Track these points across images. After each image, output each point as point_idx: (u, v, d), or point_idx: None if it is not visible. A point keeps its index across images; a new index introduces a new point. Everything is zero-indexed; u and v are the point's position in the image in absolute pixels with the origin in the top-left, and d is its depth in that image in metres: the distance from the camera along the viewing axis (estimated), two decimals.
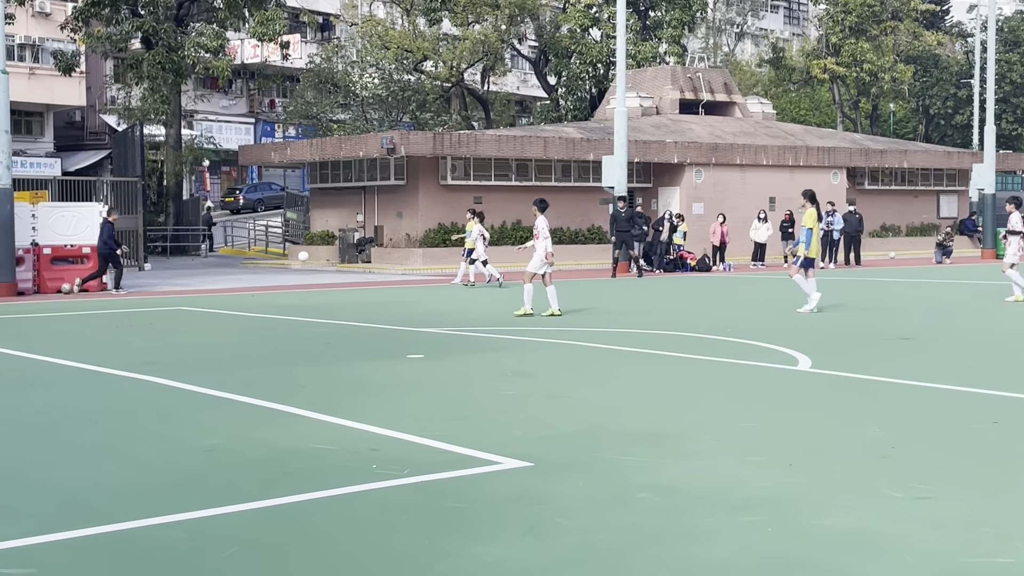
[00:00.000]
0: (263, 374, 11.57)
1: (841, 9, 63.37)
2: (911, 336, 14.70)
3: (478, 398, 9.97)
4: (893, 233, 44.91)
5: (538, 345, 14.03)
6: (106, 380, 11.32)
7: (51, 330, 17.09)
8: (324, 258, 37.76)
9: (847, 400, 9.73)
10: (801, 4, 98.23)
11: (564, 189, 37.22)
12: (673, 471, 7.06)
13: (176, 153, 45.13)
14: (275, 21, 40.85)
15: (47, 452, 7.87)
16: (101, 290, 25.24)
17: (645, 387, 10.62)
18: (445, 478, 6.93)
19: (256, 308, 20.28)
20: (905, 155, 44.74)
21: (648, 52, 52.53)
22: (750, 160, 39.43)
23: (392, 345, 14.24)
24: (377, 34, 53.16)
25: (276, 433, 8.37)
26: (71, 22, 41.93)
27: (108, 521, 6.01)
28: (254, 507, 6.29)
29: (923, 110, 70.79)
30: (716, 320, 17.28)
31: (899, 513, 6.10)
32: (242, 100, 63.43)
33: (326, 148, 37.47)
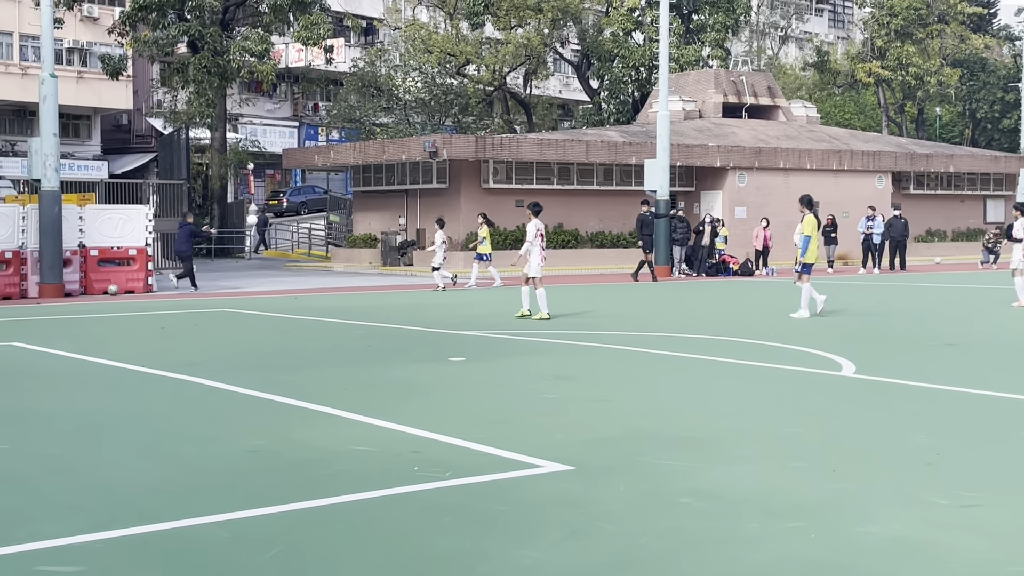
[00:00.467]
0: (306, 376, 11.64)
1: (887, 12, 62.86)
2: (956, 342, 14.55)
3: (519, 401, 9.98)
4: (939, 238, 44.47)
5: (579, 349, 14.02)
6: (152, 381, 11.44)
7: (98, 331, 17.29)
8: (366, 261, 37.92)
9: (891, 406, 9.65)
10: (846, 7, 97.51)
11: (606, 193, 37.15)
12: (715, 476, 7.03)
13: (221, 156, 45.49)
14: (319, 25, 41.08)
15: (95, 451, 7.97)
16: (147, 291, 25.49)
17: (687, 391, 10.59)
18: (486, 481, 6.95)
19: (299, 310, 20.40)
20: (951, 159, 44.28)
21: (691, 56, 52.34)
22: (794, 164, 39.19)
23: (433, 348, 14.28)
24: (420, 38, 53.34)
25: (318, 434, 8.43)
26: (118, 26, 42.40)
27: (154, 520, 6.07)
28: (297, 508, 6.34)
29: (970, 114, 70.08)
30: (758, 324, 17.18)
31: (944, 521, 6.05)
32: (286, 104, 63.84)
33: (369, 151, 37.63)
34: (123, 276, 25.42)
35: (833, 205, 39.31)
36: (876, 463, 7.41)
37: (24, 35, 50.76)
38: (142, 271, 25.63)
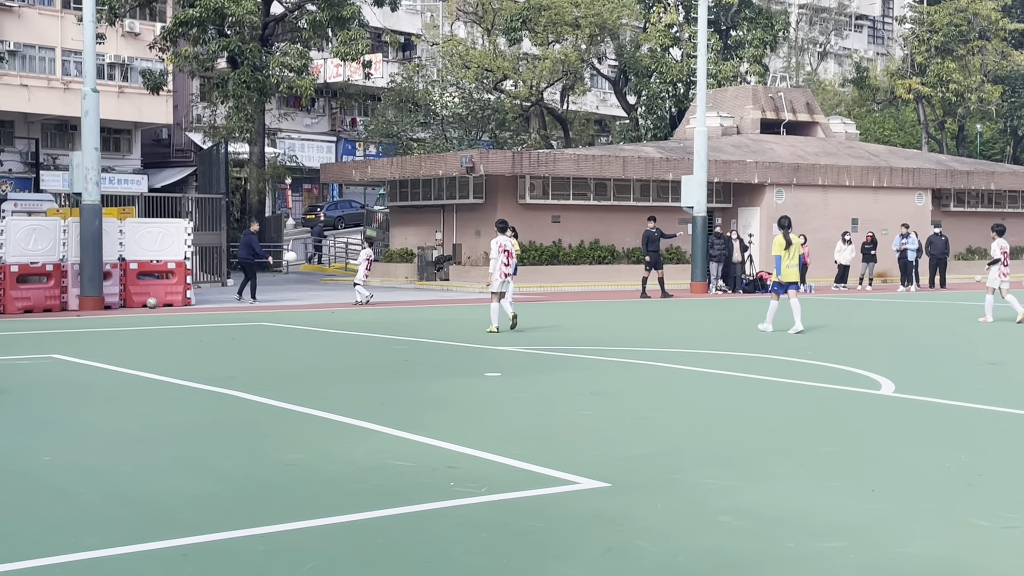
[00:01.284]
0: (342, 390, 11.68)
1: (927, 28, 62.47)
2: (998, 361, 14.41)
3: (555, 417, 9.96)
4: (980, 256, 44.04)
5: (616, 365, 13.99)
6: (190, 394, 11.51)
7: (137, 344, 17.43)
8: (403, 276, 38.04)
9: (931, 426, 9.57)
10: (886, 23, 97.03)
11: (643, 209, 37.08)
12: (753, 495, 6.99)
13: (259, 171, 45.81)
14: (358, 41, 41.33)
15: (134, 464, 8.03)
16: (185, 304, 25.68)
17: (725, 409, 10.53)
18: (523, 497, 6.94)
19: (336, 324, 20.49)
20: (992, 177, 43.90)
21: (729, 71, 52.22)
22: (832, 181, 38.98)
23: (470, 363, 14.29)
24: (458, 53, 53.55)
25: (355, 449, 8.45)
26: (159, 42, 42.85)
27: (192, 533, 6.11)
28: (334, 522, 6.36)
29: (1011, 131, 69.45)
30: (796, 342, 17.08)
31: (985, 542, 5.98)
32: (324, 119, 64.24)
33: (406, 166, 37.79)
34: (162, 289, 25.62)
35: (873, 222, 39.06)
36: (916, 483, 7.34)
37: (66, 50, 51.40)
38: (181, 284, 25.83)
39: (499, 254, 18.67)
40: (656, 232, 29.27)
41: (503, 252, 18.69)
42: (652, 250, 29.22)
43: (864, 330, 19.63)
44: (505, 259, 18.69)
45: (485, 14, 54.20)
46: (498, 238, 18.79)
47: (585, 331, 19.36)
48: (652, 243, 29.28)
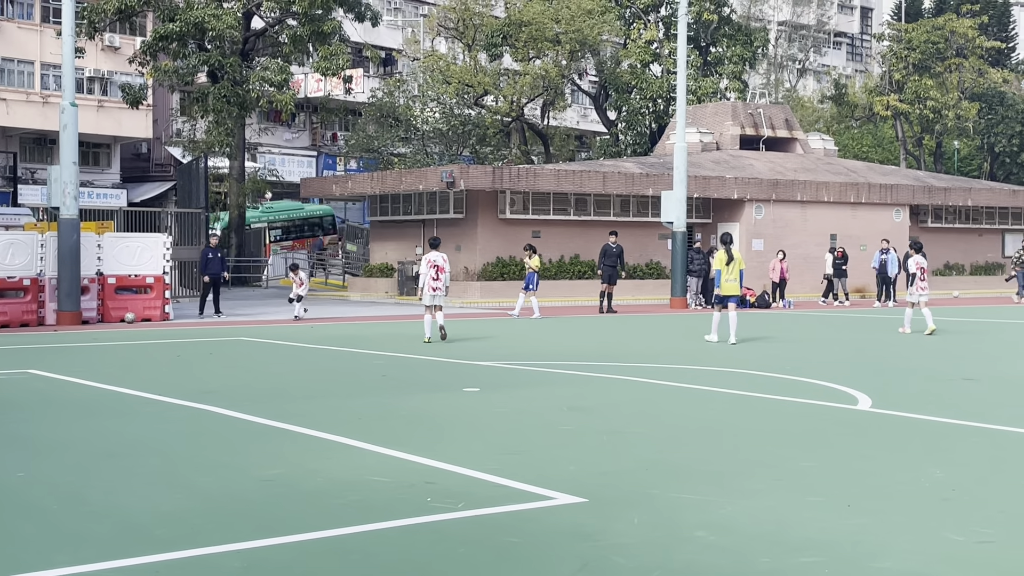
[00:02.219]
0: (320, 405, 11.65)
1: (905, 46, 62.91)
2: (975, 377, 14.48)
3: (533, 432, 9.96)
4: (957, 272, 44.33)
5: (594, 380, 14.00)
6: (167, 409, 11.46)
7: (114, 359, 17.35)
8: (383, 290, 37.99)
9: (907, 441, 9.60)
10: (864, 40, 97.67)
11: (623, 224, 37.17)
12: (730, 510, 7.00)
13: (239, 185, 45.71)
14: (338, 56, 41.33)
15: (109, 479, 7.98)
16: (164, 319, 25.58)
17: (702, 424, 10.55)
18: (500, 512, 6.94)
19: (315, 339, 20.44)
20: (969, 193, 44.20)
21: (709, 88, 52.45)
22: (811, 197, 39.17)
23: (448, 378, 14.28)
24: (438, 69, 53.61)
25: (333, 464, 8.43)
26: (139, 56, 42.74)
27: (166, 549, 6.08)
28: (311, 538, 6.33)
29: (988, 148, 69.96)
30: (774, 357, 17.13)
31: (960, 557, 6.01)
32: (305, 133, 64.18)
33: (386, 181, 37.79)
34: (140, 304, 25.52)
35: (851, 238, 39.26)
36: (892, 498, 7.37)
37: (45, 64, 51.23)
38: (159, 299, 25.73)
39: (428, 269, 19.48)
40: (615, 247, 29.29)
41: (433, 268, 19.48)
42: (608, 264, 29.25)
43: (841, 345, 19.70)
44: (435, 274, 19.47)
45: (466, 30, 54.30)
46: (429, 254, 19.68)
47: (563, 346, 19.38)
48: (608, 257, 29.33)
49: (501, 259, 35.03)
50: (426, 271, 19.50)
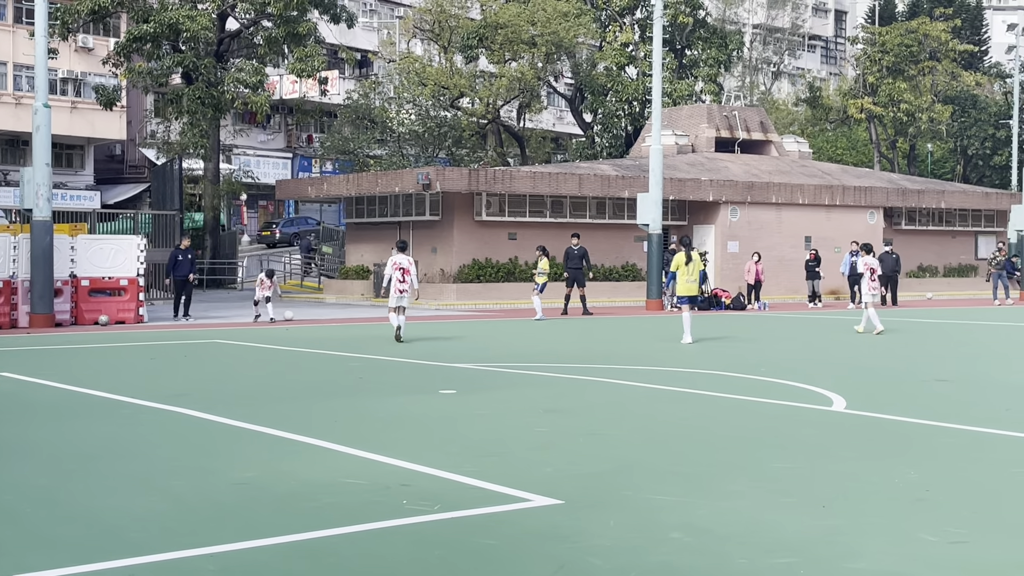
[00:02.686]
0: (296, 407, 11.61)
1: (878, 49, 63.28)
2: (948, 378, 14.57)
3: (510, 434, 9.96)
4: (930, 274, 44.60)
5: (569, 382, 14.01)
6: (141, 412, 11.40)
7: (88, 362, 17.24)
8: (359, 292, 37.91)
9: (881, 442, 9.65)
10: (838, 44, 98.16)
11: (599, 226, 37.25)
12: (705, 511, 7.02)
13: (214, 187, 45.55)
14: (314, 57, 41.25)
15: (82, 483, 7.93)
16: (137, 322, 25.44)
17: (678, 426, 10.57)
18: (476, 514, 6.93)
19: (290, 341, 20.38)
20: (943, 195, 44.48)
21: (684, 90, 52.62)
22: (786, 199, 39.33)
23: (424, 380, 14.26)
24: (414, 71, 53.57)
25: (307, 467, 8.40)
26: (113, 57, 42.53)
27: (140, 553, 6.04)
28: (285, 541, 6.31)
29: (961, 150, 70.45)
30: (749, 359, 17.19)
31: (933, 557, 6.04)
32: (280, 135, 64.02)
33: (362, 183, 37.72)
34: (114, 306, 25.38)
35: (825, 240, 39.45)
36: (866, 499, 7.40)
37: (18, 65, 50.92)
38: (133, 301, 25.60)
39: (394, 271, 19.89)
40: (578, 250, 29.34)
41: (398, 270, 19.89)
42: (572, 267, 29.29)
43: (815, 347, 19.78)
44: (401, 276, 19.88)
45: (442, 32, 54.30)
46: (395, 256, 20.08)
47: (539, 348, 19.38)
48: (572, 260, 29.38)
49: (477, 261, 35.02)
50: (390, 272, 19.92)
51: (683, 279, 20.48)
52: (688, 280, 20.40)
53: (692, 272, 20.33)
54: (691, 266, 20.33)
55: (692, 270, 20.34)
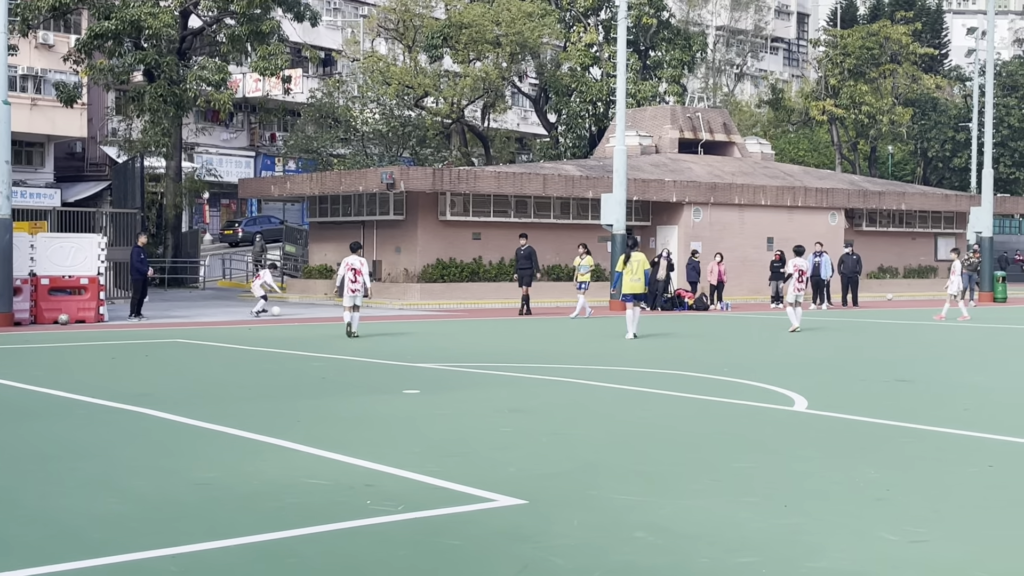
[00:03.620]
0: (258, 407, 11.55)
1: (840, 52, 63.77)
2: (908, 378, 14.70)
3: (473, 434, 9.95)
4: (891, 275, 44.98)
5: (534, 382, 14.02)
6: (101, 412, 11.30)
7: (47, 361, 17.07)
8: (322, 292, 37.76)
9: (843, 441, 9.72)
10: (801, 46, 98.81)
11: (563, 226, 37.30)
12: (668, 510, 7.05)
13: (176, 185, 45.22)
14: (277, 56, 41.04)
15: (42, 484, 7.85)
16: (98, 321, 25.22)
17: (641, 425, 10.61)
18: (440, 515, 6.92)
19: (252, 341, 20.27)
20: (903, 197, 44.88)
21: (648, 91, 52.79)
22: (748, 200, 39.55)
23: (388, 380, 14.23)
24: (378, 70, 53.42)
25: (270, 467, 8.36)
26: (74, 54, 42.14)
27: (101, 554, 5.99)
28: (248, 541, 6.28)
29: (921, 153, 71.10)
30: (713, 359, 17.27)
31: (893, 556, 6.09)
32: (243, 133, 63.65)
33: (326, 182, 37.58)
34: (74, 305, 25.15)
35: (787, 241, 39.61)
36: (827, 498, 7.45)
37: None
38: (94, 300, 25.37)
39: (347, 272, 20.85)
40: (526, 250, 29.47)
41: (351, 271, 20.85)
42: (522, 267, 29.41)
43: (778, 347, 19.90)
44: (353, 276, 20.85)
45: (406, 31, 54.20)
46: (348, 257, 21.07)
47: (503, 348, 19.39)
48: (521, 260, 29.49)
49: (441, 261, 34.97)
50: (343, 273, 20.87)
51: (628, 278, 21.51)
52: (632, 279, 21.41)
53: (636, 271, 21.38)
54: (633, 265, 21.41)
55: (636, 269, 21.38)
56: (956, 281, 28.00)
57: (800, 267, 23.78)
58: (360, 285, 20.97)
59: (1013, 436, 9.98)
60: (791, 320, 22.98)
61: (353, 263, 21.02)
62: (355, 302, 20.96)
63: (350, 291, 20.89)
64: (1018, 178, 70.18)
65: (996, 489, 7.80)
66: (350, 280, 20.91)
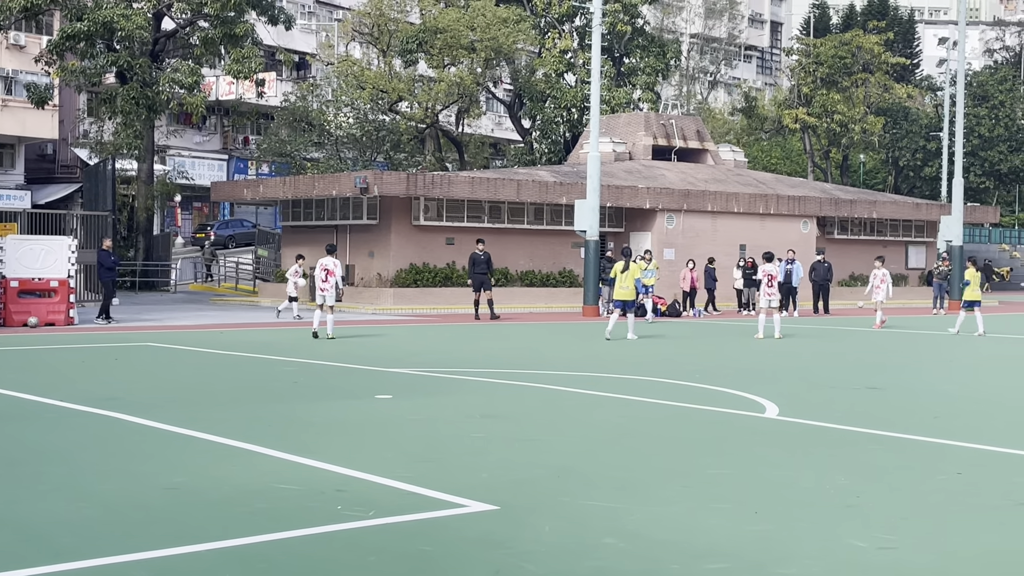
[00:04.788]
0: (229, 412, 11.50)
1: (813, 60, 64.16)
2: (879, 386, 14.79)
3: (446, 440, 9.94)
4: (862, 283, 45.18)
5: (506, 387, 14.02)
6: (70, 415, 11.22)
7: (16, 364, 16.93)
8: None
9: (813, 448, 9.77)
10: (774, 55, 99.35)
11: (536, 232, 37.33)
12: (639, 517, 7.06)
13: (148, 188, 44.97)
14: (251, 59, 40.89)
15: (9, 488, 7.78)
16: (68, 324, 25.04)
17: (613, 432, 10.62)
18: (411, 520, 6.91)
19: (224, 345, 20.17)
20: (874, 206, 45.16)
21: (622, 98, 52.90)
22: (721, 207, 39.69)
23: (360, 385, 14.20)
24: (353, 74, 53.31)
25: (240, 472, 8.32)
26: (45, 55, 41.85)
27: (70, 558, 5.94)
28: (218, 546, 6.24)
29: (892, 162, 71.61)
30: (685, 366, 17.32)
31: (863, 563, 6.12)
32: (216, 136, 63.37)
33: (299, 186, 37.46)
34: (44, 308, 24.96)
35: (760, 249, 39.76)
36: (798, 505, 7.49)
37: None
38: (64, 303, 25.19)
39: (320, 272, 21.62)
40: (483, 255, 29.57)
41: (323, 271, 21.60)
42: (478, 272, 29.49)
43: (749, 354, 19.97)
44: (324, 276, 21.55)
45: (381, 35, 54.11)
46: (322, 259, 21.78)
47: (476, 353, 19.38)
48: (478, 265, 29.55)
49: (415, 265, 34.92)
50: (318, 273, 21.66)
51: (619, 285, 22.52)
52: (622, 286, 22.41)
53: (627, 279, 22.39)
54: (627, 274, 22.41)
55: (627, 277, 22.38)
56: (884, 289, 28.50)
57: (770, 272, 24.16)
58: (330, 286, 21.55)
59: (982, 444, 10.05)
60: (758, 328, 23.71)
61: (326, 264, 21.66)
62: (323, 301, 21.60)
63: (320, 291, 21.63)
64: (987, 188, 70.80)
65: (964, 496, 7.85)
66: (321, 280, 21.58)
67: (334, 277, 21.64)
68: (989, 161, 70.46)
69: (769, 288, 23.96)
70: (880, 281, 28.46)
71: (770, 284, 23.98)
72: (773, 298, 24.05)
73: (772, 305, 23.94)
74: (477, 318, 29.40)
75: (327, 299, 21.65)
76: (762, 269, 24.52)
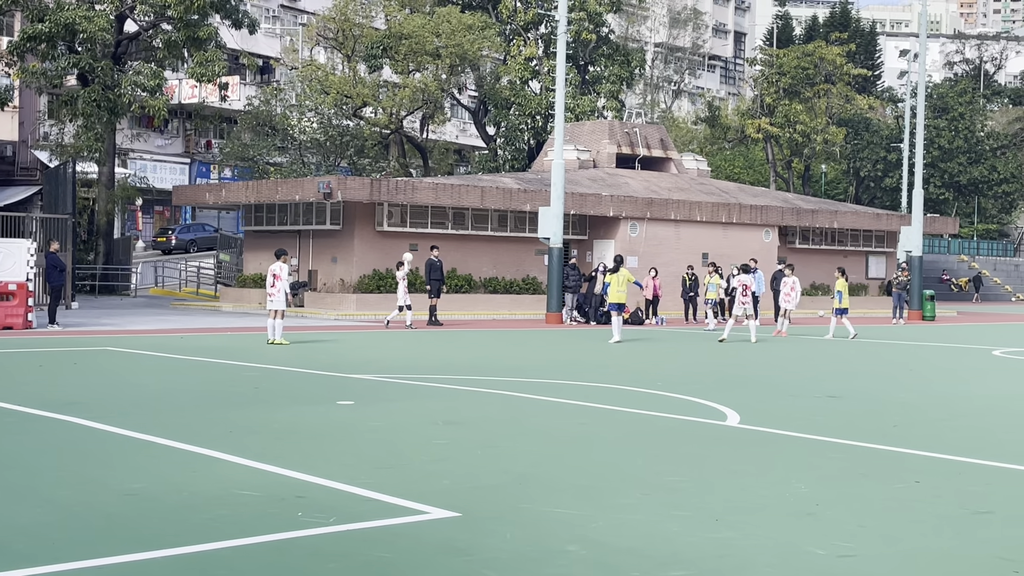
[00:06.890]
0: (189, 417, 11.41)
1: (776, 71, 64.64)
2: (839, 394, 14.89)
3: (407, 446, 9.91)
4: (823, 292, 45.55)
5: (468, 394, 14.00)
6: (27, 420, 11.09)
7: None
8: (256, 301, 37.43)
9: (774, 456, 9.82)
10: (737, 64, 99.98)
11: (500, 239, 37.35)
12: (600, 524, 7.06)
13: (108, 191, 44.63)
14: (214, 62, 40.69)
15: None
16: (26, 327, 24.79)
17: (574, 439, 10.63)
18: (372, 527, 6.88)
19: (184, 350, 20.03)
20: (835, 215, 45.53)
21: (586, 106, 53.07)
22: (684, 216, 39.88)
23: (322, 391, 14.13)
24: (317, 79, 53.16)
25: (200, 478, 8.26)
26: (6, 56, 41.47)
27: (24, 565, 5.87)
28: (176, 553, 6.19)
29: (854, 172, 72.24)
30: (646, 373, 17.37)
31: (821, 571, 6.16)
32: (178, 140, 62.99)
33: (262, 191, 37.29)
34: (2, 312, 24.68)
35: (722, 257, 40.01)
36: (758, 513, 7.52)
37: None
38: (22, 307, 24.92)
39: (269, 277, 21.73)
40: (438, 261, 29.71)
41: (271, 276, 21.67)
42: (435, 278, 29.59)
43: (711, 362, 20.05)
44: (272, 281, 21.54)
45: (345, 40, 53.99)
46: (275, 264, 21.80)
47: (438, 360, 19.34)
48: (435, 271, 29.63)
49: (378, 271, 34.84)
50: (268, 278, 21.70)
51: (613, 289, 24.13)
52: (617, 290, 24.01)
53: (620, 284, 23.97)
54: (618, 277, 24.03)
55: (620, 282, 23.97)
56: (794, 297, 29.04)
57: (745, 283, 25.50)
58: (278, 291, 21.46)
59: (940, 453, 10.14)
60: (724, 331, 25.21)
61: (274, 269, 21.73)
62: (273, 307, 21.44)
63: (268, 296, 21.65)
64: (947, 199, 71.54)
65: (923, 504, 7.92)
66: (269, 285, 21.66)
67: (280, 282, 21.55)
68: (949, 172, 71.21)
69: (744, 298, 25.38)
70: (790, 289, 29.06)
71: (744, 294, 25.40)
72: (747, 306, 25.48)
73: (747, 313, 25.45)
74: (430, 323, 29.38)
75: (275, 303, 21.45)
76: (738, 279, 25.94)
